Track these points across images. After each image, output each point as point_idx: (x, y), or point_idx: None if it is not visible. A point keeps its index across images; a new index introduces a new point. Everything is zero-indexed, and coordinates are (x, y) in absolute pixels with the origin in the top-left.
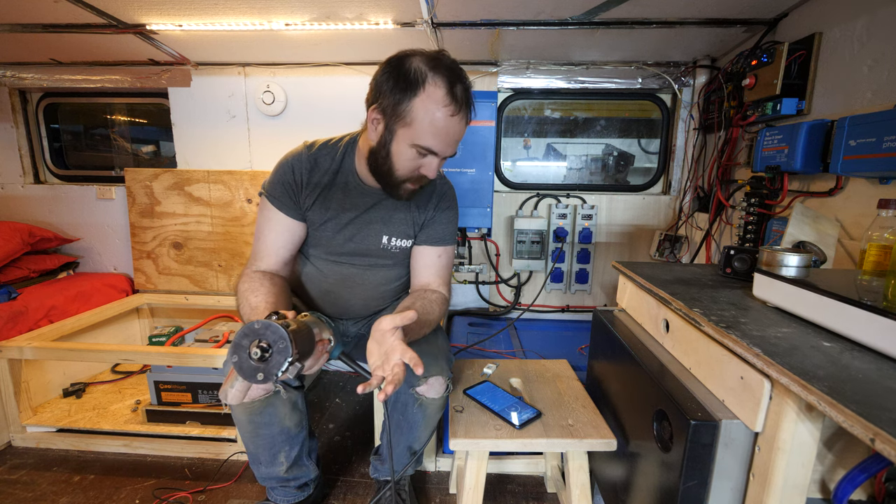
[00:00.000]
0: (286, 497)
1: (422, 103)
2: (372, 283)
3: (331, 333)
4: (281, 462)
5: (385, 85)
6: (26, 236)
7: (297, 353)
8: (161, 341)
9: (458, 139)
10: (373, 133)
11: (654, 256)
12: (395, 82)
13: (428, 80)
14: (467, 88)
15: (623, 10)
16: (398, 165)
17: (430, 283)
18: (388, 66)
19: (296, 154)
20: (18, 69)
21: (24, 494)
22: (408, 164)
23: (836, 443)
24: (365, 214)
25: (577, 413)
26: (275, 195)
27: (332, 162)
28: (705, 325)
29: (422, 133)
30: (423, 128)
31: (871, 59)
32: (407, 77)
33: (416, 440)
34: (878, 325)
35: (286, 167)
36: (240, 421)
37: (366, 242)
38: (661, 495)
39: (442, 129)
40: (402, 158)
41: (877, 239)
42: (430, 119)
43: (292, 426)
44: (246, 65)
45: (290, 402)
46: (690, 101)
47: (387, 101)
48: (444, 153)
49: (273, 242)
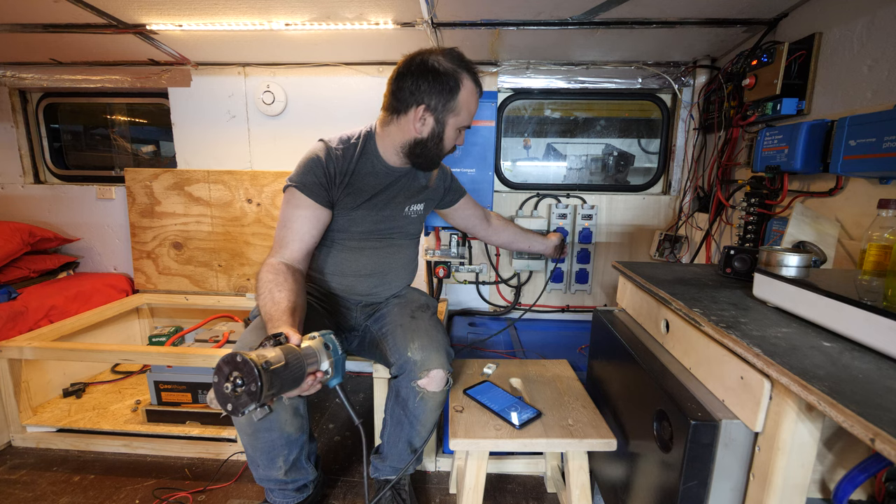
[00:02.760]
0: (284, 499)
1: (464, 96)
2: (396, 262)
3: (331, 364)
4: (279, 466)
5: (425, 86)
6: (26, 236)
7: (272, 393)
8: (161, 341)
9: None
10: (421, 127)
11: (654, 256)
12: (436, 84)
13: (462, 77)
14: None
15: (623, 10)
16: (447, 145)
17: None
18: (418, 69)
19: (322, 149)
20: (18, 69)
21: (24, 494)
22: (452, 141)
23: (836, 443)
24: (389, 191)
25: (577, 413)
26: (305, 184)
27: (354, 151)
28: (705, 325)
29: (465, 117)
30: (465, 113)
31: (871, 59)
32: (447, 78)
33: (417, 436)
34: (878, 325)
35: (316, 160)
36: (239, 424)
37: (394, 215)
38: (661, 495)
39: (474, 109)
40: (450, 139)
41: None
42: (468, 106)
43: (293, 431)
44: (246, 65)
45: (292, 407)
46: (690, 101)
47: (434, 100)
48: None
49: (300, 229)
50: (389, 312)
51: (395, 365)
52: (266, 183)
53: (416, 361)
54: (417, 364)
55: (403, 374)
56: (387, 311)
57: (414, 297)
